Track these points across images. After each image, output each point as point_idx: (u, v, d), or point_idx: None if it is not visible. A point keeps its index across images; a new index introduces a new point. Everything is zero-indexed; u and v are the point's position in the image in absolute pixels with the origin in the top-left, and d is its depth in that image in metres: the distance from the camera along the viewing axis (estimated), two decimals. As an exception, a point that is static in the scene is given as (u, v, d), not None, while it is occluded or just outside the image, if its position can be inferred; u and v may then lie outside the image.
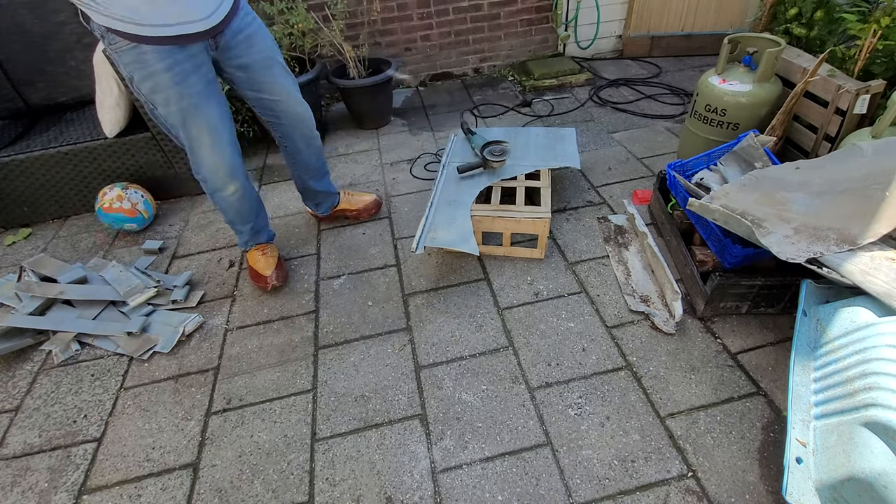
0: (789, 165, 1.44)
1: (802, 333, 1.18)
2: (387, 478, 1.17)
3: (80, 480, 1.23)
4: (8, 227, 2.17)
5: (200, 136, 1.33)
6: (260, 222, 1.70)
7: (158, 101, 1.26)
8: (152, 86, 1.23)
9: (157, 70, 1.21)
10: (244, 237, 1.70)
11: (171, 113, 1.28)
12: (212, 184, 1.47)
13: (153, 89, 1.24)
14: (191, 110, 1.28)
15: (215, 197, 1.52)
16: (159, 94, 1.24)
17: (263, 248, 1.73)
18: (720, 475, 1.11)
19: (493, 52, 3.16)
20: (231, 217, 1.61)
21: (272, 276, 1.67)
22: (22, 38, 2.12)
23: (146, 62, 1.19)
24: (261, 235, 1.73)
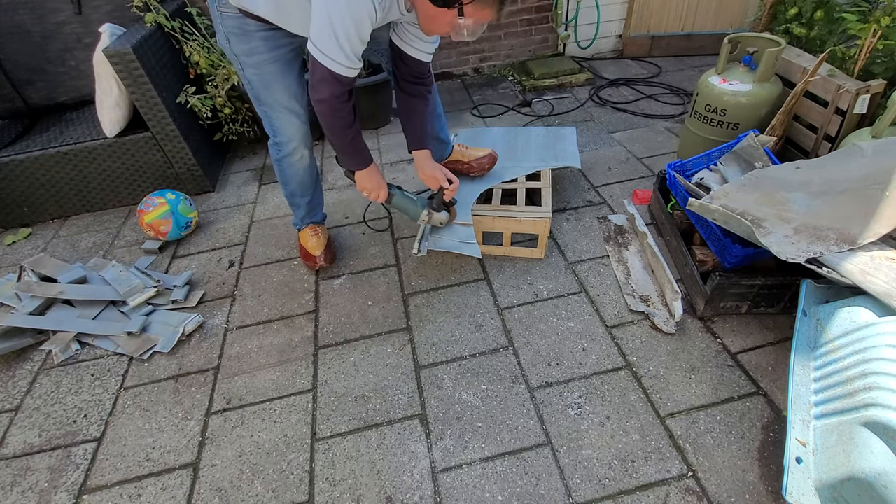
0: (789, 165, 1.44)
1: (802, 333, 1.18)
2: (387, 477, 1.17)
3: (81, 480, 1.23)
4: (8, 227, 2.17)
5: (283, 100, 1.41)
6: (317, 197, 1.74)
7: (250, 63, 1.34)
8: (248, 49, 1.31)
9: (256, 37, 1.30)
10: (301, 212, 1.73)
11: (260, 75, 1.36)
12: (286, 147, 1.51)
13: (248, 52, 1.32)
14: (277, 75, 1.36)
15: (284, 163, 1.56)
16: (252, 56, 1.33)
17: (315, 228, 1.76)
18: (720, 475, 1.11)
19: (493, 52, 3.16)
20: (293, 188, 1.64)
21: (321, 256, 1.72)
22: (22, 38, 2.12)
23: (247, 30, 1.29)
24: (316, 213, 1.77)
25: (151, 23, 2.02)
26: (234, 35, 1.30)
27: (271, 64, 1.35)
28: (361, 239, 1.91)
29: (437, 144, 1.81)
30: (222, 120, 2.36)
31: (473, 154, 1.85)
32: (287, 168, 1.58)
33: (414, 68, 1.42)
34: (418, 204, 1.58)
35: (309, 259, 1.74)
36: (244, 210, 2.15)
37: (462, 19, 1.08)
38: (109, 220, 2.17)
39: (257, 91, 1.40)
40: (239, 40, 1.31)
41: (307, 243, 1.74)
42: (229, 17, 1.28)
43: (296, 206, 1.73)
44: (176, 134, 2.04)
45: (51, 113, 2.29)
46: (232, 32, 1.30)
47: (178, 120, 2.04)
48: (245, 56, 1.33)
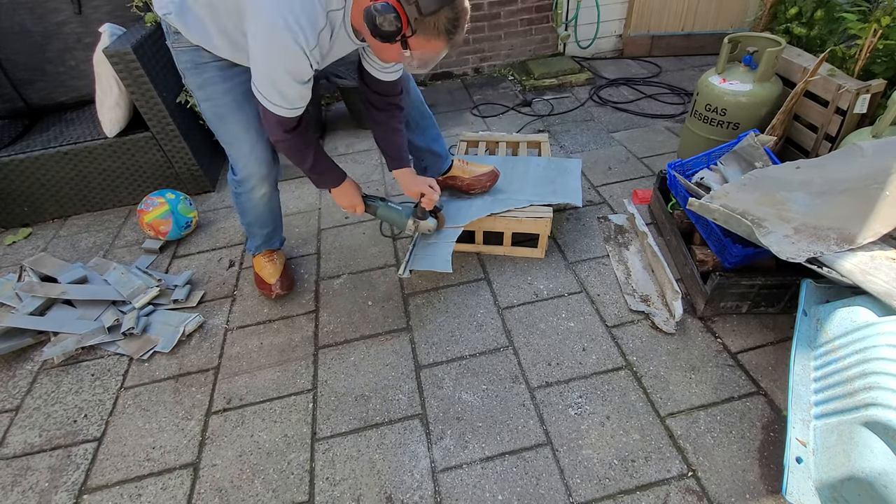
0: (789, 165, 1.44)
1: (802, 333, 1.18)
2: (387, 477, 1.17)
3: (81, 480, 1.23)
4: (8, 226, 2.17)
5: (239, 133, 1.35)
6: (276, 231, 1.67)
7: (203, 97, 1.30)
8: (201, 82, 1.27)
9: (208, 69, 1.25)
10: (256, 241, 1.66)
11: (214, 107, 1.31)
12: (246, 184, 1.44)
13: (201, 86, 1.28)
14: (233, 107, 1.31)
15: (242, 198, 1.49)
16: (206, 89, 1.28)
17: (270, 254, 1.70)
18: (720, 475, 1.11)
19: (493, 52, 3.16)
20: (250, 219, 1.58)
21: (276, 284, 1.65)
22: (22, 38, 2.12)
23: (199, 62, 1.24)
24: (273, 241, 1.70)
25: (151, 23, 2.01)
26: (188, 70, 1.26)
27: (225, 95, 1.29)
28: (361, 239, 1.91)
29: (433, 158, 1.72)
30: (222, 120, 2.36)
31: (473, 171, 1.74)
32: (245, 202, 1.50)
33: (382, 89, 1.37)
34: (403, 214, 1.56)
35: (264, 287, 1.67)
36: (244, 210, 2.15)
37: (408, 52, 1.04)
38: (109, 220, 2.17)
39: (213, 124, 1.34)
40: (192, 74, 1.26)
41: (262, 270, 1.67)
42: (182, 52, 1.23)
43: (251, 235, 1.65)
44: (176, 134, 2.04)
45: (51, 113, 2.29)
46: (186, 68, 1.26)
47: (178, 120, 2.04)
48: (198, 89, 1.29)
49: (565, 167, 1.85)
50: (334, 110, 2.96)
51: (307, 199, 2.16)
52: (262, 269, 1.68)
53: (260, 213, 1.55)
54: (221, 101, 1.29)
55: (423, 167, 1.74)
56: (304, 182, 2.28)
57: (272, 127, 1.20)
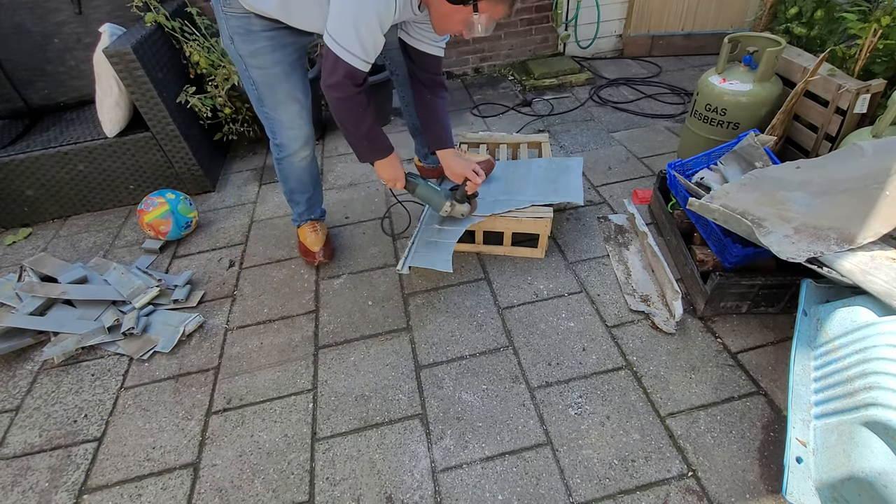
0: (789, 165, 1.44)
1: (802, 333, 1.18)
2: (387, 477, 1.17)
3: (81, 480, 1.23)
4: (8, 226, 2.17)
5: (286, 101, 1.41)
6: (316, 195, 1.76)
7: (255, 64, 1.34)
8: (253, 50, 1.31)
9: (260, 37, 1.30)
10: (300, 208, 1.74)
11: (265, 76, 1.36)
12: (288, 148, 1.52)
13: (253, 53, 1.32)
14: (282, 76, 1.37)
15: (284, 162, 1.57)
16: (258, 58, 1.33)
17: (314, 224, 1.78)
18: (720, 474, 1.11)
19: (493, 52, 3.16)
20: (292, 186, 1.66)
21: (320, 252, 1.73)
22: (22, 38, 2.12)
23: (251, 30, 1.28)
24: (314, 209, 1.78)
25: (151, 23, 2.01)
26: (238, 35, 1.30)
27: (276, 65, 1.35)
28: (361, 239, 1.91)
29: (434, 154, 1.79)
30: (222, 120, 2.36)
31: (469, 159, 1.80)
32: (287, 167, 1.59)
33: (429, 65, 1.45)
34: (441, 194, 1.59)
35: (308, 255, 1.75)
36: (244, 210, 2.15)
37: (476, 16, 1.11)
38: (110, 220, 2.17)
39: (261, 92, 1.39)
40: (243, 40, 1.30)
41: (306, 239, 1.76)
42: (234, 17, 1.27)
43: (294, 203, 1.74)
44: (176, 134, 2.04)
45: (51, 113, 2.29)
46: (236, 32, 1.29)
47: (178, 120, 2.04)
48: (250, 57, 1.33)
49: (567, 166, 1.85)
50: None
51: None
52: (306, 238, 1.76)
53: (300, 177, 1.63)
54: (273, 70, 1.35)
55: (426, 153, 1.86)
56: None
57: (342, 81, 1.20)
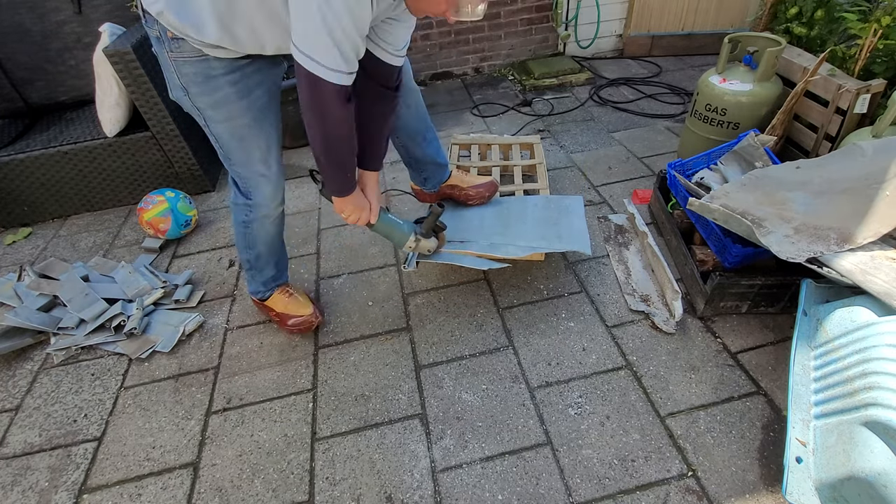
0: (790, 165, 1.44)
1: (802, 333, 1.18)
2: (387, 477, 1.17)
3: (81, 480, 1.23)
4: (8, 226, 2.17)
5: (258, 156, 1.19)
6: (284, 254, 1.51)
7: (218, 118, 1.12)
8: (214, 101, 1.09)
9: (222, 84, 1.07)
10: (266, 275, 1.47)
11: (232, 128, 1.14)
12: (263, 208, 1.28)
13: (214, 105, 1.10)
14: (252, 126, 1.15)
15: (254, 226, 1.32)
16: (221, 109, 1.11)
17: (285, 289, 1.53)
18: (720, 474, 1.11)
19: (493, 52, 3.16)
20: (259, 250, 1.40)
21: (314, 311, 1.50)
22: (22, 38, 2.12)
23: (211, 75, 1.06)
24: (283, 273, 1.54)
25: (151, 22, 2.01)
26: (195, 84, 1.07)
27: (245, 114, 1.12)
28: (361, 239, 1.91)
29: (434, 169, 1.66)
30: (222, 119, 2.36)
31: (472, 181, 1.69)
32: (257, 230, 1.33)
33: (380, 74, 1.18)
34: (405, 228, 1.40)
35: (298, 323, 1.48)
36: (244, 210, 2.15)
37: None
38: (110, 220, 2.17)
39: (228, 149, 1.17)
40: (202, 91, 1.07)
41: (288, 307, 1.49)
42: (187, 64, 1.04)
43: (257, 271, 1.46)
44: (176, 133, 2.04)
45: (51, 112, 2.29)
46: (192, 82, 1.06)
47: (178, 119, 2.04)
48: (211, 109, 1.10)
49: (566, 206, 1.68)
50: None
51: (307, 199, 2.16)
52: (287, 307, 1.50)
53: (272, 238, 1.38)
54: (241, 120, 1.13)
55: (424, 178, 1.68)
56: (303, 182, 2.28)
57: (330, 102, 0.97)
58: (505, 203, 1.74)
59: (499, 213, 1.68)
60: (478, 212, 1.69)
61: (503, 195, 1.77)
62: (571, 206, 1.68)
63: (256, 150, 1.19)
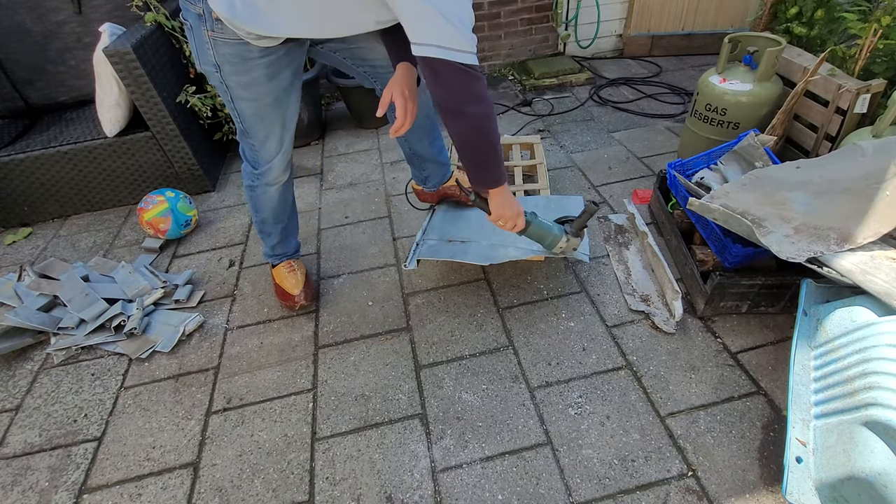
0: (790, 165, 1.44)
1: (802, 333, 1.18)
2: (387, 477, 1.17)
3: (81, 479, 1.23)
4: (8, 226, 2.17)
5: (274, 129, 1.27)
6: (292, 225, 1.59)
7: (246, 96, 1.19)
8: (246, 81, 1.15)
9: (258, 66, 1.13)
10: (272, 240, 1.57)
11: (257, 107, 1.21)
12: (266, 177, 1.37)
13: (245, 85, 1.16)
14: (275, 106, 1.22)
15: (258, 189, 1.41)
16: (250, 89, 1.17)
17: (290, 264, 1.61)
18: (720, 474, 1.11)
19: (493, 52, 3.15)
20: (265, 215, 1.50)
21: (301, 294, 1.56)
22: (22, 38, 2.12)
23: (248, 58, 1.11)
24: (290, 243, 1.62)
25: (151, 22, 2.01)
26: (229, 64, 1.12)
27: (270, 94, 1.19)
28: (361, 239, 1.91)
29: (436, 168, 1.65)
30: (222, 119, 2.36)
31: None
32: (261, 195, 1.42)
33: None
34: (555, 230, 1.37)
35: (286, 299, 1.58)
36: (244, 209, 2.15)
37: None
38: (110, 220, 2.17)
39: (249, 125, 1.25)
40: (235, 70, 1.13)
41: (283, 282, 1.59)
42: (226, 45, 1.09)
43: (266, 235, 1.56)
44: (176, 133, 2.04)
45: (51, 112, 2.29)
46: (227, 61, 1.11)
47: (178, 119, 2.04)
48: (240, 88, 1.17)
49: (566, 207, 1.67)
50: (334, 110, 2.96)
51: (307, 199, 2.16)
52: (283, 280, 1.60)
53: (276, 205, 1.47)
54: (265, 100, 1.20)
55: (425, 176, 1.68)
56: (303, 181, 2.28)
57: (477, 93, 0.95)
58: None
59: None
60: (478, 212, 1.68)
61: None
62: (572, 208, 1.66)
63: (275, 127, 1.26)
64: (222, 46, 1.10)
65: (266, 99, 1.20)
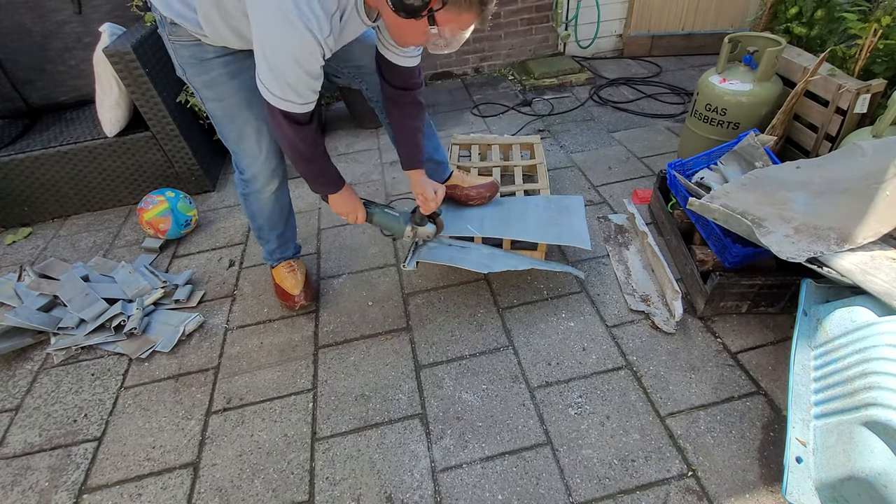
0: (790, 165, 1.44)
1: (802, 333, 1.18)
2: (387, 477, 1.17)
3: (81, 479, 1.23)
4: (8, 226, 2.17)
5: (250, 132, 1.28)
6: (288, 231, 1.60)
7: (211, 96, 1.22)
8: (207, 80, 1.19)
9: (214, 66, 1.17)
10: (270, 246, 1.59)
11: (224, 107, 1.24)
12: (255, 182, 1.38)
13: (207, 84, 1.20)
14: (243, 105, 1.24)
15: (251, 199, 1.43)
16: (213, 89, 1.21)
17: (290, 264, 1.63)
18: (720, 474, 1.11)
19: (493, 52, 3.16)
20: (260, 222, 1.51)
21: (300, 294, 1.58)
22: (22, 38, 2.12)
23: (204, 58, 1.16)
24: (288, 247, 1.63)
25: (151, 22, 2.01)
26: (190, 66, 1.17)
27: (235, 94, 1.22)
28: (361, 239, 1.91)
29: (433, 167, 1.66)
30: (222, 119, 2.36)
31: (473, 181, 1.70)
32: (254, 203, 1.44)
33: (396, 76, 1.28)
34: (401, 220, 1.47)
35: (286, 299, 1.59)
36: (244, 209, 2.15)
37: (435, 28, 0.92)
38: (110, 220, 2.17)
39: (222, 125, 1.27)
40: (197, 71, 1.18)
41: (283, 282, 1.60)
42: (183, 47, 1.14)
43: (264, 241, 1.59)
44: (176, 133, 2.04)
45: (51, 112, 2.29)
46: (188, 63, 1.17)
47: (178, 119, 2.04)
48: (205, 89, 1.21)
49: (566, 205, 1.67)
50: (334, 110, 2.96)
51: (307, 199, 2.16)
52: (283, 281, 1.61)
53: (269, 213, 1.48)
54: (231, 100, 1.22)
55: None
56: (303, 182, 2.27)
57: (280, 124, 1.09)
58: (505, 203, 1.72)
59: (499, 214, 1.66)
60: (478, 212, 1.68)
61: (504, 195, 1.76)
62: (572, 206, 1.67)
63: (247, 126, 1.27)
64: (181, 49, 1.16)
65: (231, 98, 1.22)
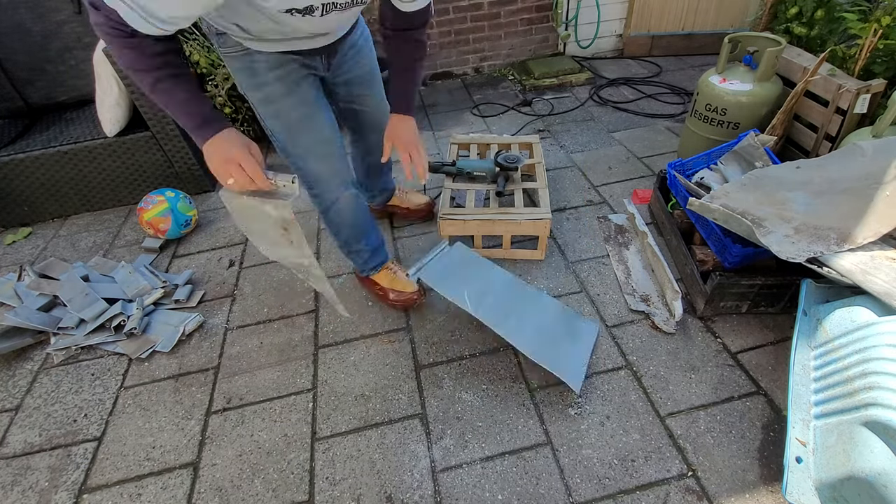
0: (790, 165, 1.44)
1: (802, 333, 1.18)
2: (387, 477, 1.17)
3: (81, 479, 1.23)
4: (8, 226, 2.17)
5: (316, 148, 1.22)
6: (375, 236, 1.51)
7: (269, 113, 1.16)
8: (262, 97, 1.13)
9: (269, 79, 1.11)
10: (363, 257, 1.51)
11: (284, 124, 1.17)
12: (326, 198, 1.32)
13: (264, 100, 1.14)
14: (304, 121, 1.18)
15: (329, 214, 1.37)
16: (270, 105, 1.15)
17: (389, 266, 1.58)
18: (720, 474, 1.11)
19: (493, 52, 3.16)
20: (346, 236, 1.44)
21: (419, 289, 1.54)
22: (22, 38, 2.12)
23: (256, 70, 1.09)
24: (381, 250, 1.56)
25: (151, 22, 2.01)
26: (244, 79, 1.12)
27: (294, 109, 1.15)
28: (361, 238, 1.91)
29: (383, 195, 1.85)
30: (222, 119, 2.36)
31: (412, 200, 1.91)
32: (335, 217, 1.37)
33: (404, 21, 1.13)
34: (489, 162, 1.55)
35: (401, 300, 1.52)
36: (244, 209, 2.15)
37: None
38: (110, 220, 2.17)
39: (283, 143, 1.20)
40: (250, 84, 1.12)
41: (394, 284, 1.53)
42: (234, 59, 1.08)
43: (355, 254, 1.51)
44: (176, 133, 2.04)
45: (51, 112, 2.29)
46: (242, 74, 1.11)
47: (178, 119, 2.04)
48: (262, 105, 1.15)
49: (578, 331, 1.43)
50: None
51: (307, 199, 2.15)
52: (393, 283, 1.54)
53: (352, 221, 1.40)
54: (291, 115, 1.16)
55: (371, 196, 1.83)
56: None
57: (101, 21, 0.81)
58: (517, 289, 1.50)
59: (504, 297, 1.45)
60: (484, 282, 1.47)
61: (504, 195, 1.75)
62: (583, 334, 1.43)
63: (312, 142, 1.21)
64: (232, 61, 1.10)
65: (291, 114, 1.15)
